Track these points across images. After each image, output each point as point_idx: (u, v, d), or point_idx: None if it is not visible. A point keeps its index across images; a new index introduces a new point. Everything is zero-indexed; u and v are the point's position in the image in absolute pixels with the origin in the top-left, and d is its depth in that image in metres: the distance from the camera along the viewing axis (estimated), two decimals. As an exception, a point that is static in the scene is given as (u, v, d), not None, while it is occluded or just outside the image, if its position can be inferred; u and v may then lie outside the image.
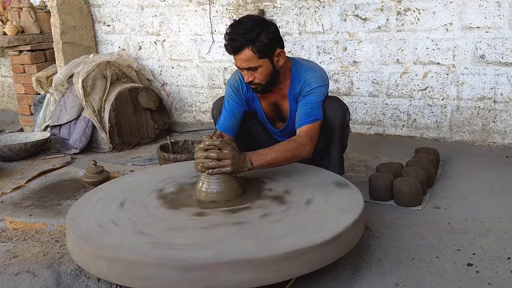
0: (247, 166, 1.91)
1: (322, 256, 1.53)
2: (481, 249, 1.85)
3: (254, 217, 1.72)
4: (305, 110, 2.12)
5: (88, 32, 4.30)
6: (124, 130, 3.63)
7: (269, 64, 2.09)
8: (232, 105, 2.29)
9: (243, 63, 2.06)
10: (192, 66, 4.05)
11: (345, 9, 3.36)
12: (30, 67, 4.16)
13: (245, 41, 1.99)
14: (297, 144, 2.02)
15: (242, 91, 2.31)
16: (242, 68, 2.10)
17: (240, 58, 2.05)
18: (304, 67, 2.22)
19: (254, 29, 2.00)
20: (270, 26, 2.07)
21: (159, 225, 1.70)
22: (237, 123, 2.30)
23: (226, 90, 2.34)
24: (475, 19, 3.02)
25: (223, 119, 2.29)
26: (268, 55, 2.07)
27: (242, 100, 2.31)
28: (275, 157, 1.96)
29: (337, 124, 2.22)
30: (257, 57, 2.03)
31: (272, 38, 2.06)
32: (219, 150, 1.86)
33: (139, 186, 2.08)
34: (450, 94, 3.21)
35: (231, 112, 2.29)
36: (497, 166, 2.79)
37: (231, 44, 2.02)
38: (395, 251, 1.86)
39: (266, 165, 1.96)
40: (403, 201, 2.28)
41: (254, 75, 2.09)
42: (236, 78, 2.32)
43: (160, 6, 4.03)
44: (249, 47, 2.00)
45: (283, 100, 2.29)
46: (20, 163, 3.24)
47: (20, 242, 2.06)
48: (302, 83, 2.17)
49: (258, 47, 2.01)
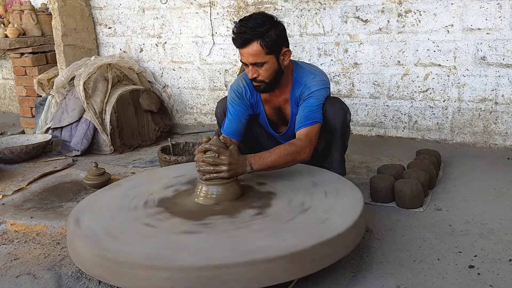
0: (247, 170, 1.91)
1: (322, 257, 1.52)
2: (482, 251, 1.85)
3: (257, 217, 1.73)
4: (304, 113, 2.12)
5: (90, 35, 4.31)
6: (125, 132, 3.63)
7: (275, 61, 2.09)
8: (237, 110, 2.28)
9: (249, 57, 2.05)
10: (193, 68, 4.05)
11: (346, 11, 3.37)
12: (31, 70, 4.17)
13: (254, 35, 2.00)
14: (296, 147, 2.02)
15: (246, 96, 2.29)
16: (247, 64, 2.08)
17: (247, 52, 2.04)
18: (305, 71, 2.22)
19: (264, 24, 2.02)
20: (279, 24, 2.09)
21: (163, 230, 1.69)
22: (242, 127, 2.30)
23: (229, 95, 2.32)
24: (476, 20, 3.02)
25: (228, 123, 2.28)
26: (275, 52, 2.07)
27: (246, 104, 2.30)
28: (275, 160, 1.96)
29: (338, 125, 2.22)
30: (264, 52, 2.03)
31: (281, 36, 2.08)
32: (217, 155, 1.85)
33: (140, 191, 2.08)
34: (451, 96, 3.21)
35: (236, 116, 2.28)
36: (499, 168, 2.78)
37: (240, 36, 2.02)
38: (396, 253, 1.86)
39: (266, 168, 1.96)
40: (404, 203, 2.27)
41: (258, 72, 2.09)
42: (240, 84, 2.31)
43: (161, 9, 4.04)
44: (257, 41, 2.01)
45: (286, 104, 2.29)
46: (22, 165, 3.25)
47: (21, 244, 2.06)
48: (303, 87, 2.17)
49: (266, 42, 2.01)
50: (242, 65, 2.17)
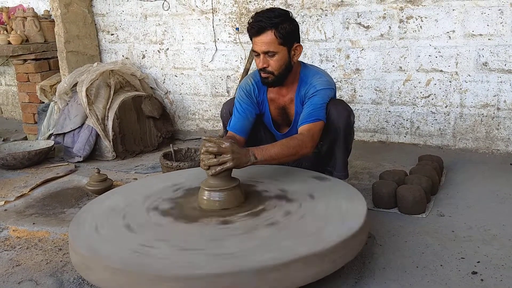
0: (251, 160, 1.89)
1: (324, 265, 1.51)
2: (485, 257, 1.84)
3: (260, 224, 1.72)
4: (308, 110, 2.14)
5: (92, 41, 4.33)
6: (127, 138, 3.64)
7: (286, 54, 2.13)
8: (245, 108, 2.31)
9: (262, 46, 2.09)
10: (195, 75, 4.07)
11: (347, 17, 3.38)
12: (34, 76, 4.18)
13: (270, 24, 2.06)
14: (299, 141, 2.03)
15: (254, 94, 2.33)
16: (259, 53, 2.12)
17: (260, 40, 2.08)
18: (312, 72, 2.26)
19: (280, 15, 2.09)
20: (294, 20, 2.15)
21: (171, 238, 1.67)
22: (249, 125, 2.31)
23: (238, 93, 2.36)
24: (478, 26, 3.03)
25: (235, 121, 2.29)
26: (288, 45, 2.12)
27: (254, 103, 2.33)
28: (278, 152, 1.96)
29: (342, 125, 2.21)
30: (277, 42, 2.08)
31: (295, 30, 2.15)
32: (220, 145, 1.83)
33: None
34: (453, 102, 3.21)
35: (244, 114, 2.30)
36: (501, 174, 2.78)
37: (255, 24, 2.07)
38: (399, 259, 1.85)
39: (270, 159, 1.95)
40: (406, 208, 2.27)
41: (269, 62, 2.12)
42: (248, 82, 2.35)
43: (163, 15, 4.05)
44: (272, 30, 2.06)
45: (291, 103, 2.31)
46: (24, 171, 3.26)
47: (23, 251, 2.06)
48: (308, 85, 2.21)
49: (280, 32, 2.07)
50: (244, 71, 2.18)
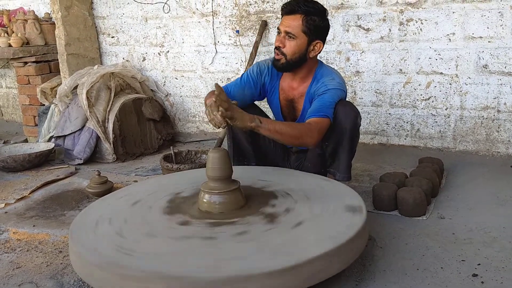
0: (255, 121, 1.91)
1: (324, 268, 1.51)
2: (486, 260, 1.84)
3: (258, 223, 1.72)
4: (316, 106, 2.16)
5: (93, 44, 4.33)
6: (128, 140, 3.64)
7: (305, 44, 2.19)
8: (247, 81, 2.36)
9: (287, 25, 2.17)
10: (196, 77, 4.07)
11: (347, 19, 3.38)
12: (34, 79, 4.19)
13: (303, 9, 2.14)
14: (306, 128, 2.06)
15: (263, 76, 2.38)
16: (281, 31, 2.18)
17: (288, 20, 2.16)
18: (326, 72, 2.29)
19: (316, 8, 2.17)
20: (327, 20, 2.22)
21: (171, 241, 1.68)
22: (240, 96, 2.30)
23: (251, 67, 2.42)
24: (478, 29, 3.03)
25: (232, 85, 2.35)
26: (310, 36, 2.18)
27: (259, 83, 2.38)
28: (283, 128, 1.99)
29: (348, 126, 2.20)
30: (301, 28, 2.15)
31: (323, 27, 2.22)
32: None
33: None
34: (454, 104, 3.21)
35: (243, 84, 2.35)
36: (501, 176, 2.78)
37: (290, 4, 2.16)
38: (400, 262, 1.85)
39: (273, 131, 1.96)
40: (407, 211, 2.27)
41: (285, 43, 2.18)
42: (265, 64, 2.40)
43: (164, 18, 4.06)
44: (302, 15, 2.14)
45: (300, 98, 2.33)
46: (24, 174, 3.26)
47: (23, 253, 2.06)
48: (320, 84, 2.24)
49: (308, 22, 2.14)
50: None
